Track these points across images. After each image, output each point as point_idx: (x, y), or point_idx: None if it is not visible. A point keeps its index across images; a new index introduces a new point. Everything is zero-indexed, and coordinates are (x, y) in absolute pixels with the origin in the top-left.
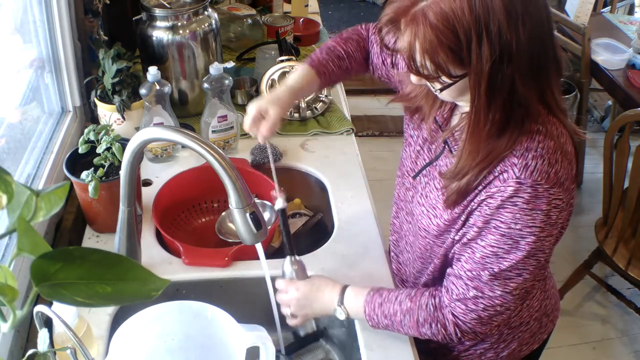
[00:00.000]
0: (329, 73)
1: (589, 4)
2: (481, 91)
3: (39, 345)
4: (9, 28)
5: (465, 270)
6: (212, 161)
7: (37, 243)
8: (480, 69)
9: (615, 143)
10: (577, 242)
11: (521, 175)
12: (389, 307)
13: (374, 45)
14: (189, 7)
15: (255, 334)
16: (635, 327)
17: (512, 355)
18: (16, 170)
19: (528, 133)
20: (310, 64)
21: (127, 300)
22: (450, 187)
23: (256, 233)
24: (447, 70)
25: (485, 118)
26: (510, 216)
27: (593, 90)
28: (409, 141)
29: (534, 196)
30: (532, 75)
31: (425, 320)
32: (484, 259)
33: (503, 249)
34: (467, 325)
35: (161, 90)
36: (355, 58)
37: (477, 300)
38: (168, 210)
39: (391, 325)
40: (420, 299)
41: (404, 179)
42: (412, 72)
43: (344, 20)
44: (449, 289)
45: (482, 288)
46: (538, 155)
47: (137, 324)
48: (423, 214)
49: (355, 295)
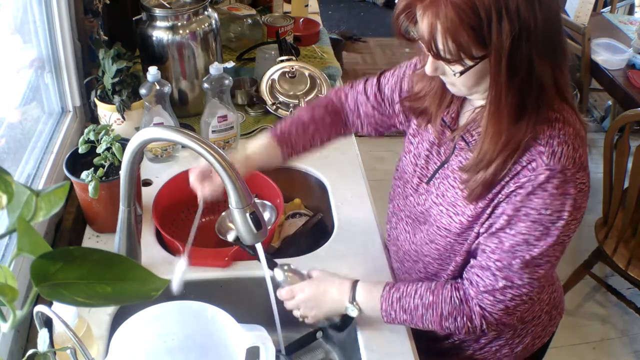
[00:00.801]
0: (292, 143)
1: (589, 4)
2: (502, 68)
3: (39, 345)
4: (9, 28)
5: (493, 260)
6: (212, 161)
7: (37, 243)
8: (501, 45)
9: (615, 143)
10: (577, 242)
11: (550, 162)
12: (409, 302)
13: (356, 97)
14: (189, 7)
15: (255, 334)
16: (635, 327)
17: (526, 349)
18: (16, 170)
19: (547, 121)
20: (272, 134)
21: (127, 300)
22: (475, 180)
23: (256, 233)
24: (469, 50)
25: (506, 97)
26: (541, 202)
27: (593, 90)
28: (409, 148)
29: (563, 181)
30: (548, 55)
31: (449, 314)
32: (514, 247)
33: (534, 236)
34: (494, 317)
35: (161, 90)
36: (323, 122)
37: (506, 291)
38: (168, 210)
39: (410, 320)
40: (443, 292)
41: (406, 186)
42: (433, 56)
43: (344, 20)
44: (473, 281)
45: (512, 277)
46: (562, 142)
47: (137, 324)
48: (442, 214)
49: (368, 290)
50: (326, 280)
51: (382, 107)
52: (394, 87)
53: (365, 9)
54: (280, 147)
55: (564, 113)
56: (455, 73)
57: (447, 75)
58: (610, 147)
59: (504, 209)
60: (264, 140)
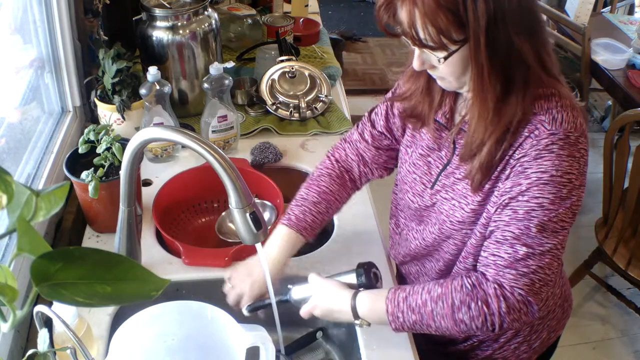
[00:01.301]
0: (310, 225)
1: (589, 4)
2: (481, 48)
3: (39, 345)
4: (9, 28)
5: (510, 231)
6: (212, 161)
7: (37, 243)
8: (478, 25)
9: (615, 143)
10: (577, 242)
11: (552, 127)
12: (416, 299)
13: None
14: (189, 7)
15: (255, 334)
16: (635, 327)
17: (542, 344)
18: (16, 170)
19: (543, 97)
20: (288, 224)
21: (127, 300)
22: (473, 167)
23: (256, 233)
24: (449, 34)
25: (488, 76)
26: (550, 163)
27: (593, 90)
28: (404, 159)
29: (567, 143)
30: (526, 33)
31: (462, 302)
32: (529, 212)
33: (548, 199)
34: (517, 295)
35: (161, 90)
36: (333, 193)
37: (528, 261)
38: (168, 210)
39: (420, 320)
40: (453, 283)
41: (407, 195)
42: (416, 44)
43: (344, 20)
44: (490, 263)
45: (531, 244)
46: (561, 110)
47: (137, 324)
48: (455, 207)
49: (372, 298)
50: (327, 297)
51: (384, 141)
52: (387, 114)
53: (365, 9)
54: (299, 233)
55: (559, 89)
56: (439, 59)
57: (435, 69)
58: (610, 147)
59: (513, 181)
60: (282, 232)
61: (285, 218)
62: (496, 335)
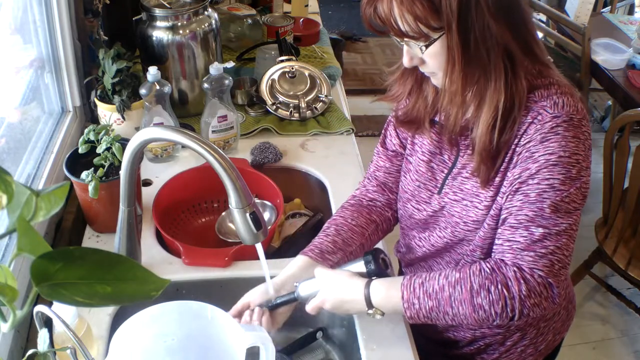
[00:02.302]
0: (317, 246)
1: (589, 4)
2: (453, 30)
3: (39, 345)
4: (9, 28)
5: (523, 214)
6: (212, 161)
7: (37, 243)
8: (451, 9)
9: (615, 143)
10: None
11: (554, 111)
12: (433, 284)
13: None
14: (189, 7)
15: (255, 334)
16: (635, 327)
17: (548, 346)
18: (16, 170)
19: (542, 86)
20: (301, 253)
21: (127, 300)
22: (475, 160)
23: (256, 233)
24: (427, 21)
25: (461, 57)
26: (557, 145)
27: (593, 90)
28: (408, 168)
29: (571, 125)
30: (503, 15)
31: (481, 286)
32: (541, 194)
33: (558, 179)
34: (537, 277)
35: (161, 90)
36: (344, 216)
37: (545, 242)
38: (168, 210)
39: (437, 306)
40: (471, 267)
41: (410, 204)
42: (398, 35)
43: (344, 20)
44: (505, 249)
45: (546, 225)
46: (562, 95)
47: (137, 324)
48: (468, 208)
49: (387, 286)
50: (339, 288)
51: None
52: (397, 130)
53: None
54: (304, 254)
55: (556, 78)
56: (421, 48)
57: (425, 65)
58: (610, 147)
59: (522, 167)
60: (303, 259)
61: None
62: (502, 338)
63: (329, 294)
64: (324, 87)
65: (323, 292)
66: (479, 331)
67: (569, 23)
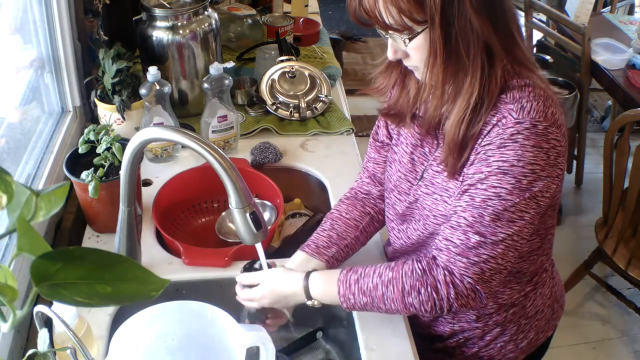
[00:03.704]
0: (314, 241)
1: (589, 4)
2: (435, 23)
3: (39, 345)
4: (9, 28)
5: (464, 217)
6: (212, 161)
7: (37, 243)
8: (434, 1)
9: (615, 143)
10: (577, 242)
11: (519, 116)
12: (367, 282)
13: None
14: (189, 7)
15: (255, 334)
16: (635, 327)
17: (530, 344)
18: (16, 170)
19: (517, 87)
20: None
21: (127, 300)
22: (444, 151)
23: (256, 233)
24: (411, 14)
25: (442, 51)
26: (512, 153)
27: (593, 90)
28: (393, 157)
29: (533, 133)
30: (485, 11)
31: (412, 288)
32: (485, 201)
33: (506, 189)
34: (466, 283)
35: (161, 90)
36: (340, 210)
37: (480, 251)
38: (168, 210)
39: (370, 303)
40: (404, 267)
41: (392, 194)
42: (382, 28)
43: (344, 20)
44: (442, 247)
45: (484, 232)
46: (532, 99)
47: (137, 324)
48: (437, 201)
49: (324, 278)
50: (277, 282)
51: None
52: (387, 124)
53: None
54: (302, 250)
55: (535, 80)
56: (404, 40)
57: (408, 59)
58: (610, 147)
59: (476, 166)
60: (299, 254)
61: (313, 248)
62: (481, 333)
63: (267, 290)
64: (324, 87)
65: (261, 288)
66: (457, 325)
67: (569, 23)
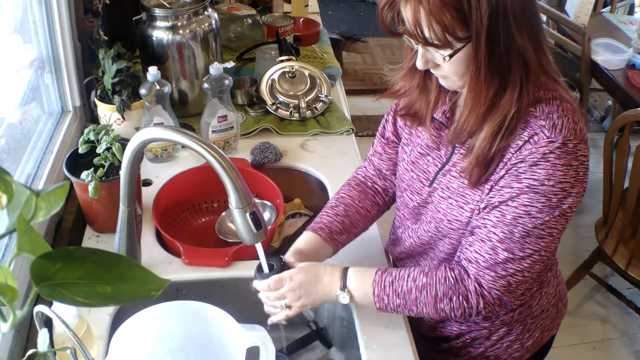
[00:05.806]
0: (327, 225)
1: (589, 4)
2: (481, 43)
3: (39, 345)
4: (9, 28)
5: (495, 233)
6: (212, 161)
7: (37, 243)
8: (480, 21)
9: (615, 143)
10: (577, 242)
11: (552, 134)
12: (402, 285)
13: (375, 162)
14: (189, 7)
15: (255, 334)
16: (635, 327)
17: (535, 343)
18: (16, 170)
19: (545, 100)
20: (321, 235)
21: (127, 300)
22: (471, 161)
23: (256, 233)
24: (454, 31)
25: (486, 72)
26: (544, 172)
27: (593, 90)
28: (402, 157)
29: (565, 152)
30: (527, 29)
31: (444, 295)
32: (516, 219)
33: (536, 208)
34: (494, 294)
35: (161, 90)
36: (352, 196)
37: (507, 265)
38: (168, 210)
39: (403, 304)
40: (437, 273)
41: (405, 193)
42: (420, 42)
43: (344, 20)
44: (472, 259)
45: (513, 249)
46: (562, 115)
47: (137, 324)
48: (452, 206)
49: (360, 276)
50: (316, 266)
51: (395, 149)
52: (395, 118)
53: (365, 9)
54: (315, 232)
55: (560, 92)
56: (444, 57)
57: (439, 68)
58: (610, 147)
59: (506, 182)
60: (313, 237)
61: (318, 228)
62: (488, 333)
63: (304, 269)
64: (324, 87)
65: (298, 269)
66: (465, 325)
67: (569, 23)
